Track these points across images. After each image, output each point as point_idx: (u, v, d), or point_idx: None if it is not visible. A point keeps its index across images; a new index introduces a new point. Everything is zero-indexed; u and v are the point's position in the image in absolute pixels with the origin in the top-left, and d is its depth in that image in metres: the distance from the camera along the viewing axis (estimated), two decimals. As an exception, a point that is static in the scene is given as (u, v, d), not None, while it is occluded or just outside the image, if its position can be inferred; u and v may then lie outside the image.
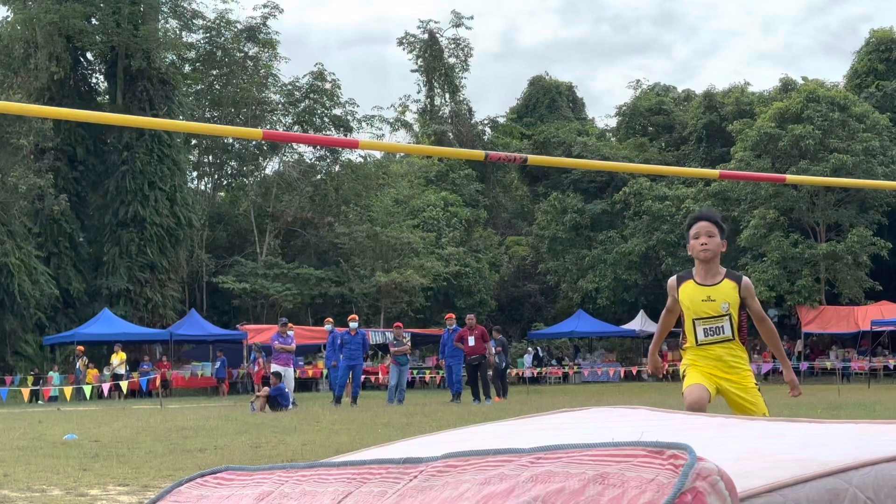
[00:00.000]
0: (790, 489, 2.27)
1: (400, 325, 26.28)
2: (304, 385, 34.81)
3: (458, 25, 59.35)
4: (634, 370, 38.21)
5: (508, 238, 56.83)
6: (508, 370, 29.29)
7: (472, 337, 22.78)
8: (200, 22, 47.71)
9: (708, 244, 6.12)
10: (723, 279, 6.18)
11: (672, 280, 6.49)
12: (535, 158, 4.27)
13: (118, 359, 34.44)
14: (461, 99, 59.65)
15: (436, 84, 59.83)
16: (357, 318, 24.58)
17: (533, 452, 2.39)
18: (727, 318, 6.17)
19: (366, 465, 2.75)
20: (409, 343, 25.17)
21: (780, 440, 2.92)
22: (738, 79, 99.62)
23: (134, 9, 42.12)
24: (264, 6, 49.24)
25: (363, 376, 26.28)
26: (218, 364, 36.51)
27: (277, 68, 50.55)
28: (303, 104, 50.09)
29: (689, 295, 6.26)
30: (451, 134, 56.47)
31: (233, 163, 51.34)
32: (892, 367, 35.68)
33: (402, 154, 56.51)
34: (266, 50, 49.81)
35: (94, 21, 42.86)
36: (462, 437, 3.39)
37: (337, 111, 50.07)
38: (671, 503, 1.97)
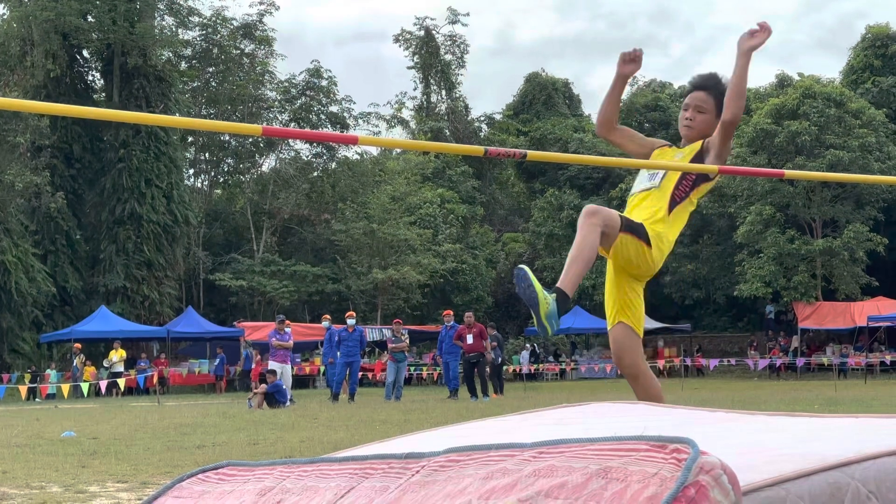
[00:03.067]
0: (793, 483, 2.27)
1: (399, 321, 26.31)
2: (301, 382, 34.82)
3: (454, 22, 59.38)
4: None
5: (505, 235, 56.85)
6: (505, 367, 29.29)
7: (471, 335, 22.80)
8: (196, 19, 47.67)
9: (693, 120, 5.24)
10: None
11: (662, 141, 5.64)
12: (534, 154, 4.28)
13: (118, 356, 34.43)
14: (457, 96, 59.68)
15: (432, 81, 59.83)
16: (354, 314, 24.60)
17: (535, 447, 2.39)
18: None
19: (367, 460, 2.75)
20: (408, 340, 25.14)
21: (781, 434, 2.93)
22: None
23: (130, 6, 42.07)
24: (260, 3, 49.26)
25: (360, 373, 26.28)
26: (217, 361, 36.53)
27: (274, 65, 50.61)
28: (299, 101, 50.08)
29: (658, 156, 5.44)
30: (447, 131, 56.45)
31: (229, 160, 51.29)
32: (888, 363, 35.71)
33: (398, 151, 56.52)
34: (262, 47, 49.79)
35: (90, 18, 42.80)
36: (463, 433, 3.40)
37: (333, 108, 50.10)
38: (675, 497, 1.97)
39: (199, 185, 52.07)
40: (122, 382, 31.70)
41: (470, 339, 22.74)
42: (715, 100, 5.17)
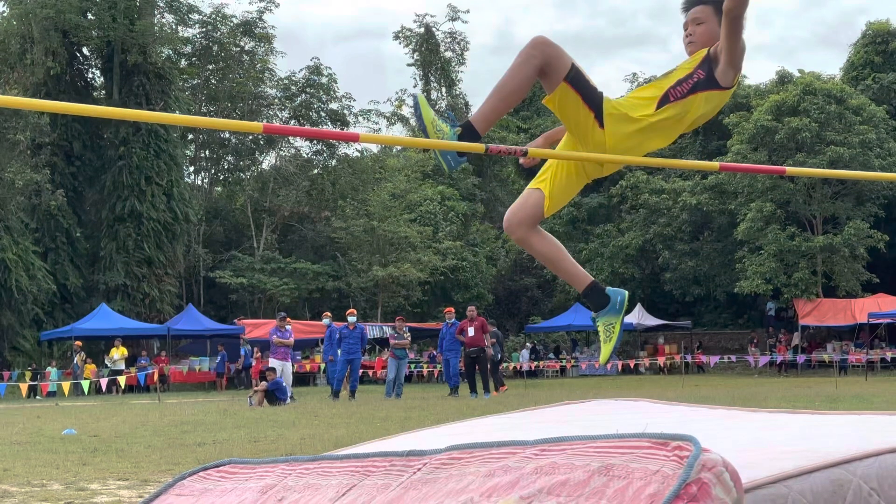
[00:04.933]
0: (794, 480, 2.27)
1: (402, 318, 26.33)
2: (301, 379, 34.82)
3: (454, 19, 59.41)
4: (632, 363, 38.28)
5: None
6: (505, 364, 29.26)
7: (472, 328, 22.81)
8: (196, 16, 47.65)
9: (693, 35, 4.47)
10: None
11: None
12: (535, 151, 4.18)
13: (119, 353, 34.41)
14: (458, 93, 59.66)
15: (432, 78, 59.83)
16: (355, 312, 24.59)
17: (537, 444, 2.39)
18: (672, 70, 4.48)
19: (369, 457, 2.75)
20: (409, 337, 25.17)
21: (783, 431, 2.93)
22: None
23: (130, 3, 42.04)
24: (260, 0, 49.21)
25: (361, 370, 26.30)
26: (218, 359, 36.51)
27: (273, 63, 50.55)
28: (299, 98, 50.03)
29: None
30: (447, 128, 56.35)
31: (229, 158, 51.28)
32: (888, 360, 35.71)
33: (398, 148, 56.49)
34: (262, 44, 49.74)
35: (90, 16, 42.79)
36: (465, 430, 3.40)
37: (333, 105, 50.03)
38: (677, 494, 1.97)
39: (200, 182, 52.06)
40: (122, 380, 31.68)
41: (471, 332, 22.74)
42: (713, 7, 4.45)
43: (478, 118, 4.13)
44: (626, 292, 4.55)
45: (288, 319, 23.34)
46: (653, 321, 43.30)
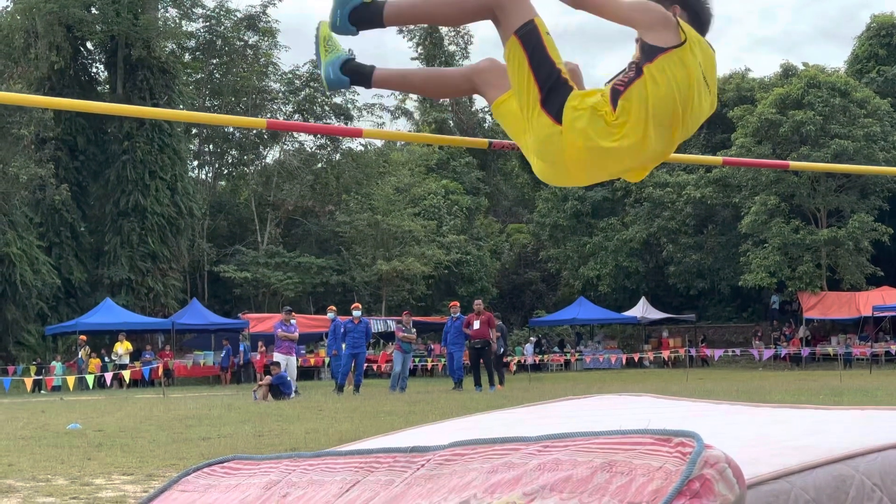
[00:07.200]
0: (797, 476, 2.28)
1: (409, 312, 26.38)
2: (305, 374, 34.86)
3: (458, 13, 59.19)
4: (636, 357, 38.29)
5: (509, 226, 56.84)
6: (510, 358, 29.25)
7: (478, 321, 22.85)
8: (200, 11, 47.69)
9: None
10: None
11: None
12: None
13: (123, 348, 34.46)
14: (461, 87, 59.59)
15: (436, 72, 59.70)
16: (360, 306, 24.63)
17: (540, 440, 2.40)
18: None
19: (373, 453, 2.76)
20: (415, 332, 25.23)
21: (786, 427, 2.93)
22: (738, 65, 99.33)
23: (133, -2, 42.10)
24: (263, -5, 49.16)
25: (365, 364, 26.33)
26: (223, 353, 36.56)
27: (277, 57, 50.57)
28: (303, 93, 50.03)
29: None
30: (451, 122, 56.43)
31: (233, 152, 51.31)
32: (893, 353, 35.68)
33: (402, 142, 56.49)
34: (266, 38, 49.75)
35: (93, 10, 42.82)
36: (468, 426, 3.40)
37: (337, 100, 50.03)
38: (679, 491, 1.98)
39: (204, 176, 52.11)
40: (127, 374, 31.74)
41: (476, 325, 22.78)
42: None
43: (392, 4, 3.66)
44: (347, 88, 4.23)
45: (293, 314, 23.36)
46: (657, 314, 43.30)
